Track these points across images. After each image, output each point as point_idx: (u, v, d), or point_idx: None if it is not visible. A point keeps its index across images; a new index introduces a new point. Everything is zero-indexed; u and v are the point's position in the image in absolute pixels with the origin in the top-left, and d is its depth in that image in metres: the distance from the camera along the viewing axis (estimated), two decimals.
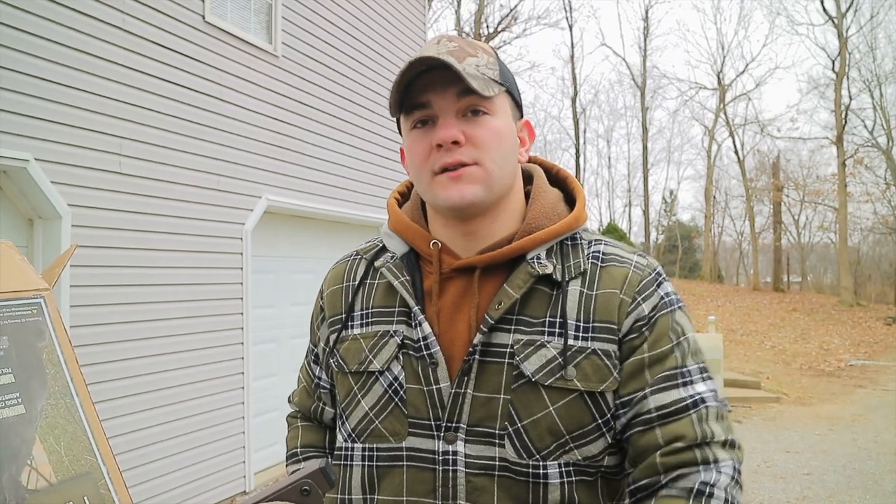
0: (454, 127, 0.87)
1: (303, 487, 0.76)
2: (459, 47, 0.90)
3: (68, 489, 0.73)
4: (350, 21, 6.21)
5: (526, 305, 0.89)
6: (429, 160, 0.89)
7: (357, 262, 1.03)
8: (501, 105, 0.91)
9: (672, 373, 0.87)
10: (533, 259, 0.90)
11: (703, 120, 30.92)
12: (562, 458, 0.86)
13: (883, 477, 5.26)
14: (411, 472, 0.89)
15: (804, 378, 10.52)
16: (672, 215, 32.71)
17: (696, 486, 0.81)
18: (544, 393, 0.86)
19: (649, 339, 0.88)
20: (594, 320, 0.88)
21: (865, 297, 22.91)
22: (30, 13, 3.31)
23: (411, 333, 0.91)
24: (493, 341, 0.88)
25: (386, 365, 0.92)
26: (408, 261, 0.95)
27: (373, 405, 0.92)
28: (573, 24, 31.49)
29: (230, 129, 4.66)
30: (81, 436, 0.77)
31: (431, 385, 0.89)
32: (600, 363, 0.87)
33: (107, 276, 3.74)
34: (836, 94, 21.13)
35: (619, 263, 0.92)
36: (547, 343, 0.87)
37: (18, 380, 0.76)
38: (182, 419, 4.20)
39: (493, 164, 0.88)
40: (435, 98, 0.88)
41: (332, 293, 1.03)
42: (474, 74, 0.86)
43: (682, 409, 0.85)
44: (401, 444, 0.90)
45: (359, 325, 0.97)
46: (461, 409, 0.88)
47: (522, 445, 0.86)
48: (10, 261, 0.86)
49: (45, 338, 0.82)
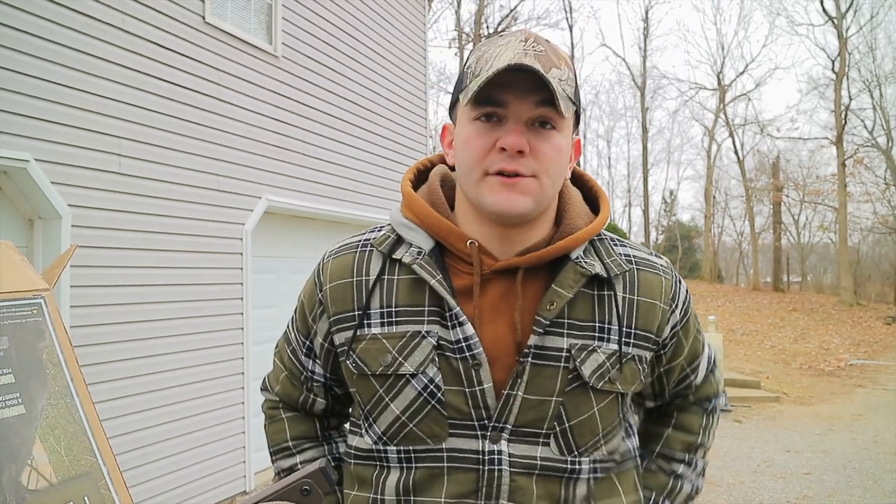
0: (523, 136, 0.85)
1: (303, 487, 0.77)
2: (546, 54, 0.86)
3: (68, 489, 0.73)
4: (350, 21, 6.21)
5: (573, 308, 0.90)
6: (486, 159, 0.86)
7: (368, 255, 0.95)
8: (569, 123, 0.90)
9: (701, 357, 1.07)
10: (577, 258, 0.91)
11: (703, 120, 30.95)
12: (594, 454, 0.91)
13: (883, 476, 5.26)
14: (453, 473, 0.88)
15: (804, 378, 10.52)
16: (672, 215, 32.71)
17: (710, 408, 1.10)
18: (592, 395, 0.90)
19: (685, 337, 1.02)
20: (636, 327, 0.93)
21: (865, 297, 22.90)
22: (30, 13, 3.31)
23: (448, 334, 0.88)
24: (548, 345, 0.88)
25: (420, 368, 0.88)
26: (436, 257, 0.92)
27: (405, 408, 0.90)
28: (573, 25, 31.54)
29: (230, 129, 4.66)
30: (82, 436, 0.77)
31: (475, 386, 0.88)
32: (636, 368, 0.93)
33: (107, 276, 3.74)
34: (835, 94, 21.13)
35: (650, 269, 0.97)
36: (598, 348, 0.90)
37: (19, 380, 0.76)
38: (182, 419, 4.20)
39: (548, 180, 0.87)
40: (513, 100, 0.85)
41: (337, 287, 0.95)
42: (559, 92, 0.83)
43: (706, 377, 1.09)
44: (440, 446, 0.89)
45: (378, 324, 0.92)
46: (510, 411, 0.88)
47: (566, 443, 0.89)
48: (10, 261, 0.86)
49: (45, 338, 0.82)
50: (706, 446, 1.10)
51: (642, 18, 33.95)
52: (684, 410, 1.09)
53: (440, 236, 0.92)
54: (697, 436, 1.08)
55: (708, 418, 1.10)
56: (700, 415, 1.09)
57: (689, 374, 1.05)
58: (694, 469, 1.08)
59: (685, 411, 1.09)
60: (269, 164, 5.05)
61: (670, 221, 32.43)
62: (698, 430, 1.08)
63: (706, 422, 1.09)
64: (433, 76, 24.29)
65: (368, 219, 6.27)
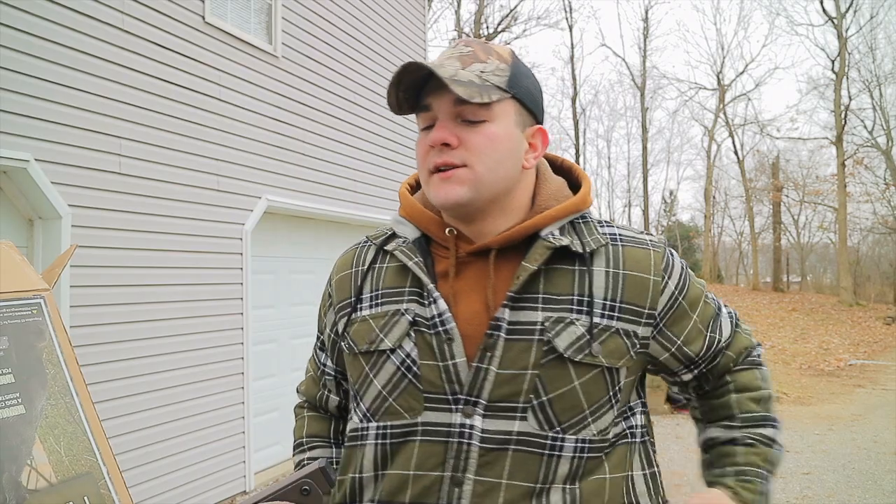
0: (447, 129, 0.91)
1: (303, 487, 0.77)
2: (472, 52, 0.94)
3: (68, 489, 0.73)
4: (350, 21, 6.21)
5: (551, 283, 0.93)
6: (426, 159, 0.94)
7: (366, 248, 1.06)
8: (503, 111, 0.93)
9: (716, 316, 1.05)
10: (548, 234, 0.94)
11: (703, 120, 30.93)
12: (579, 434, 0.91)
13: (882, 476, 5.27)
14: (423, 445, 0.91)
15: (804, 378, 10.53)
16: (672, 215, 32.71)
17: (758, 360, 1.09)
18: (571, 368, 0.90)
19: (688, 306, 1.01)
20: (622, 300, 0.93)
21: (865, 297, 22.90)
22: (30, 13, 3.31)
23: (424, 311, 0.94)
24: (520, 319, 0.91)
25: (398, 343, 0.94)
26: (420, 245, 0.99)
27: (385, 383, 0.94)
28: (573, 25, 31.44)
29: (230, 129, 4.66)
30: (81, 436, 0.77)
31: (447, 360, 0.91)
32: (621, 342, 0.93)
33: (107, 276, 3.74)
34: (835, 94, 21.13)
35: (638, 244, 0.98)
36: (575, 321, 0.91)
37: (18, 380, 0.76)
38: (182, 419, 4.20)
39: (482, 166, 0.91)
40: (434, 101, 0.92)
41: (340, 279, 1.06)
42: (465, 80, 0.89)
43: (733, 332, 1.06)
44: (416, 420, 0.92)
45: (368, 306, 0.99)
46: (482, 385, 0.90)
47: (545, 418, 0.89)
48: (10, 261, 0.86)
49: (44, 338, 0.82)
50: (774, 396, 1.08)
51: (642, 18, 33.95)
52: (734, 371, 1.06)
53: (423, 226, 1.00)
54: (761, 389, 1.05)
55: (760, 370, 1.07)
56: (751, 369, 1.06)
57: (712, 336, 1.03)
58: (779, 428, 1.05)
59: (736, 372, 1.06)
60: (269, 164, 5.05)
61: (670, 221, 32.44)
62: (760, 384, 1.05)
63: (761, 373, 1.07)
64: None
65: (368, 219, 6.26)
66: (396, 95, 0.93)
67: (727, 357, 1.05)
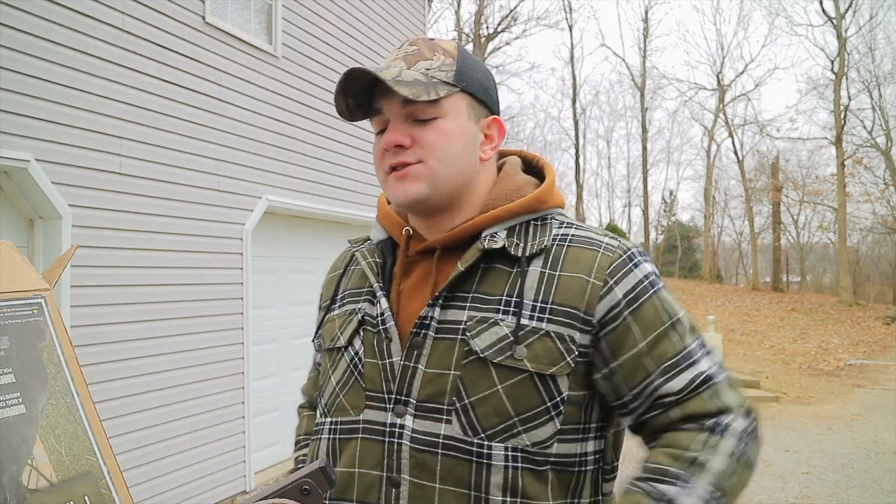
0: (399, 131, 0.92)
1: (303, 487, 0.77)
2: (417, 51, 0.94)
3: (69, 489, 0.73)
4: (350, 21, 6.21)
5: (483, 283, 0.91)
6: (382, 161, 0.95)
7: (348, 253, 1.11)
8: (454, 106, 0.93)
9: (676, 359, 0.88)
10: (486, 236, 0.92)
11: (703, 120, 30.89)
12: (508, 442, 0.85)
13: (882, 476, 5.27)
14: (364, 443, 0.92)
15: (803, 377, 10.53)
16: (671, 215, 32.70)
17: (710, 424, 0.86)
18: (493, 371, 0.86)
19: (639, 327, 0.88)
20: (553, 302, 0.88)
21: (864, 297, 22.90)
22: (30, 14, 3.31)
23: (371, 310, 0.97)
24: (448, 318, 0.90)
25: (349, 341, 0.97)
26: (383, 247, 1.01)
27: (339, 380, 0.97)
28: (573, 25, 31.43)
29: (230, 129, 4.66)
30: (82, 435, 0.77)
31: (385, 359, 0.93)
32: (552, 346, 0.86)
33: (107, 276, 3.74)
34: (835, 94, 21.13)
35: (587, 245, 0.91)
36: (500, 321, 0.88)
37: (19, 379, 0.76)
38: (182, 419, 4.21)
39: (437, 162, 0.91)
40: (384, 104, 0.93)
41: (327, 281, 1.12)
42: (410, 80, 0.89)
43: (693, 390, 0.87)
44: (359, 417, 0.93)
45: (337, 306, 1.04)
46: (411, 384, 0.90)
47: (468, 422, 0.86)
48: (10, 261, 0.86)
49: (45, 338, 0.82)
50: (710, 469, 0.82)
51: (642, 19, 33.95)
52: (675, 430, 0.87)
53: (388, 229, 1.02)
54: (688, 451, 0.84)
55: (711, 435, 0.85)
56: (696, 431, 0.86)
57: (654, 378, 0.87)
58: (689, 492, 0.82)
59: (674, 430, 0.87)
60: (269, 164, 5.05)
61: (670, 221, 32.43)
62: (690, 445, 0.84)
63: (709, 438, 0.84)
64: None
65: (369, 219, 6.27)
66: (346, 103, 0.93)
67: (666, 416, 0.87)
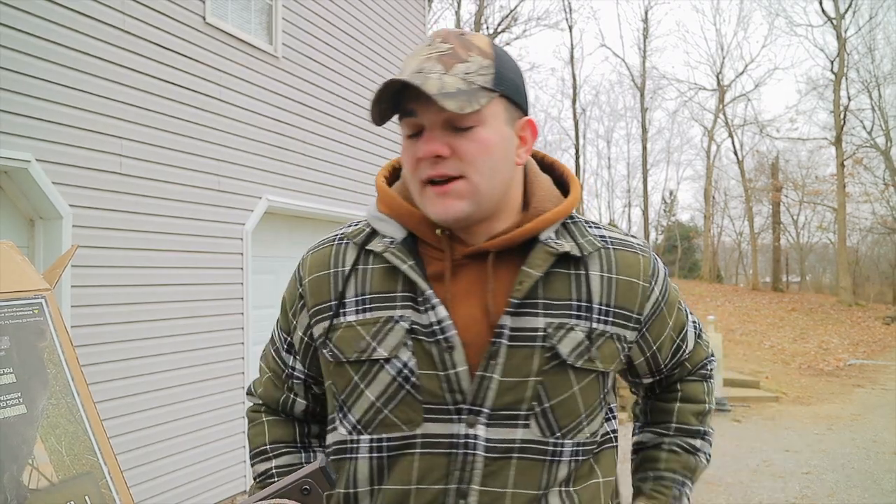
0: (438, 140, 0.86)
1: (303, 487, 0.77)
2: (452, 51, 0.87)
3: (69, 488, 0.73)
4: (350, 21, 6.21)
5: (549, 287, 0.90)
6: (417, 170, 0.89)
7: (344, 247, 0.98)
8: (493, 112, 0.88)
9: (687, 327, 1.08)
10: (547, 239, 0.91)
11: (703, 120, 30.88)
12: (575, 437, 0.91)
13: (882, 476, 5.27)
14: (425, 458, 0.88)
15: (803, 378, 10.52)
16: (671, 215, 32.68)
17: (708, 373, 1.14)
18: (572, 374, 0.89)
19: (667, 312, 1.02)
20: (615, 305, 0.93)
21: (864, 297, 22.89)
22: (30, 14, 3.31)
23: (420, 318, 0.89)
24: (523, 325, 0.88)
25: (394, 352, 0.89)
26: (408, 245, 0.93)
27: (380, 394, 0.90)
28: (573, 26, 31.47)
29: (230, 129, 4.66)
30: (83, 435, 0.77)
31: (449, 370, 0.88)
32: (614, 346, 0.93)
33: (107, 276, 3.74)
34: (834, 94, 21.13)
35: (628, 248, 0.97)
36: (575, 326, 0.90)
37: (20, 379, 0.76)
38: (182, 419, 4.21)
39: (479, 177, 0.87)
40: (420, 108, 0.87)
41: (315, 280, 0.98)
42: (453, 90, 0.83)
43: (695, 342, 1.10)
44: (415, 432, 0.88)
45: (353, 311, 0.93)
46: (485, 393, 0.87)
47: (547, 424, 0.89)
48: (10, 261, 0.86)
49: (46, 338, 0.82)
50: (712, 410, 1.14)
51: (642, 19, 33.93)
52: (685, 381, 1.11)
53: (411, 226, 0.94)
54: (705, 403, 1.10)
55: (708, 383, 1.13)
56: (701, 381, 1.12)
57: (679, 344, 1.06)
58: (708, 440, 1.11)
59: (686, 382, 1.11)
60: (269, 164, 5.05)
61: (670, 221, 32.41)
62: (704, 398, 1.11)
63: (707, 387, 1.12)
64: None
65: None
66: (379, 109, 0.88)
67: (684, 368, 1.10)
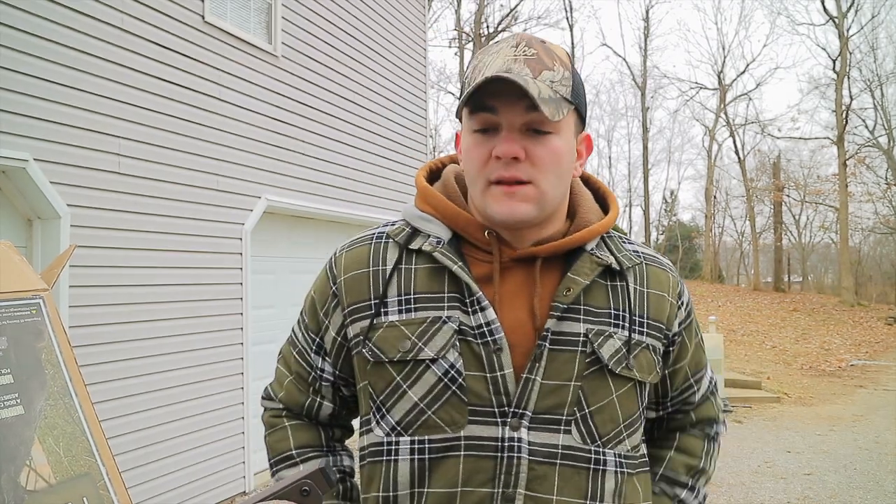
0: (517, 142, 0.87)
1: (302, 488, 0.76)
2: (537, 57, 0.88)
3: (67, 490, 0.72)
4: (350, 21, 6.20)
5: (589, 296, 0.93)
6: (486, 168, 0.89)
7: (385, 246, 0.97)
8: (567, 123, 0.90)
9: (704, 371, 1.08)
10: (593, 250, 0.95)
11: (704, 120, 30.84)
12: (617, 448, 0.92)
13: (884, 477, 5.26)
14: (469, 461, 0.87)
15: (805, 378, 10.51)
16: (672, 215, 32.68)
17: (712, 434, 1.10)
18: (611, 380, 0.91)
19: (689, 340, 1.04)
20: (648, 317, 0.96)
21: (866, 297, 22.88)
22: (30, 13, 3.30)
23: (469, 320, 0.89)
24: (564, 329, 0.90)
25: (442, 353, 0.89)
26: (455, 246, 0.94)
27: (424, 395, 0.89)
28: (573, 25, 31.45)
29: (230, 129, 4.66)
30: (80, 436, 0.77)
31: (496, 371, 0.88)
32: (650, 357, 0.95)
33: (106, 276, 3.73)
34: (836, 93, 21.11)
35: (658, 265, 1.01)
36: (613, 334, 0.92)
37: (17, 380, 0.76)
38: (182, 419, 4.20)
39: (547, 184, 0.89)
40: (502, 106, 0.87)
41: (353, 278, 0.96)
42: (547, 97, 0.85)
43: (707, 394, 1.10)
44: (458, 434, 0.88)
45: (396, 311, 0.92)
46: (529, 396, 0.88)
47: (587, 430, 0.89)
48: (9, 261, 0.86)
49: (43, 338, 0.82)
50: (708, 473, 1.09)
51: (643, 18, 33.92)
52: (685, 432, 1.09)
53: (458, 226, 0.95)
54: (700, 459, 1.08)
55: (710, 444, 1.10)
56: (702, 439, 1.09)
57: (692, 384, 1.06)
58: (696, 496, 1.08)
59: (686, 433, 1.09)
60: (269, 164, 5.05)
61: (671, 221, 32.41)
62: (700, 454, 1.08)
63: (708, 447, 1.09)
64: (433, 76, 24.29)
65: (368, 219, 6.26)
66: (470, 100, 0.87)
67: (688, 416, 1.09)
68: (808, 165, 26.61)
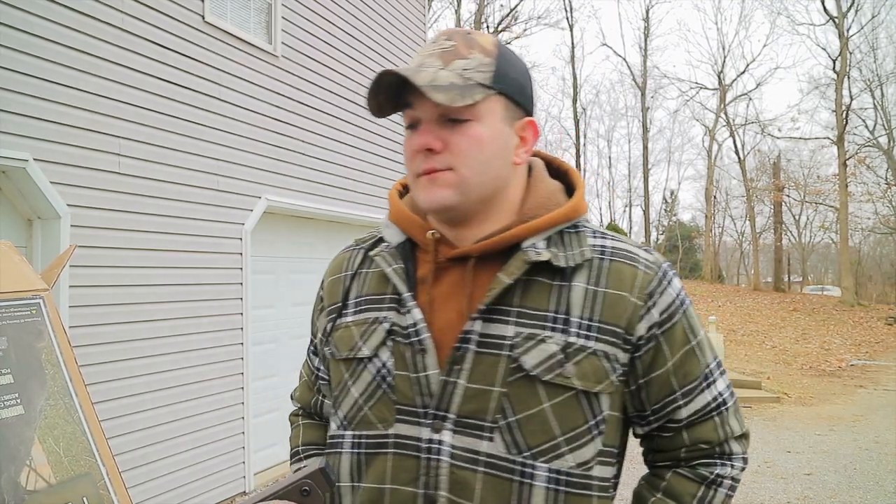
0: (432, 133, 0.88)
1: (302, 488, 0.76)
2: (454, 48, 0.89)
3: (67, 490, 0.72)
4: (350, 21, 6.20)
5: (527, 296, 0.88)
6: (413, 163, 0.92)
7: (356, 253, 1.04)
8: (489, 109, 0.88)
9: (699, 380, 0.92)
10: (529, 247, 0.89)
11: (704, 120, 30.86)
12: (552, 463, 0.85)
13: (884, 477, 5.26)
14: (396, 459, 0.88)
15: (805, 378, 10.51)
16: (672, 215, 32.69)
17: (710, 477, 0.92)
18: (540, 389, 0.85)
19: (669, 347, 0.90)
20: (599, 320, 0.87)
21: (866, 297, 22.89)
22: (30, 13, 3.30)
23: (400, 320, 0.91)
24: (491, 332, 0.87)
25: (374, 351, 0.92)
26: (403, 250, 0.96)
27: (362, 392, 0.93)
28: (574, 25, 31.43)
29: (230, 129, 4.65)
30: (81, 436, 0.77)
31: (419, 372, 0.88)
32: (599, 364, 0.86)
33: (106, 276, 3.73)
34: (836, 93, 21.11)
35: (627, 260, 0.90)
36: (548, 338, 0.86)
37: (17, 380, 0.76)
38: (182, 419, 4.20)
39: (468, 170, 0.88)
40: (415, 100, 0.89)
41: (331, 283, 1.05)
42: (447, 85, 0.85)
43: (707, 413, 0.93)
44: (388, 431, 0.90)
45: (352, 312, 0.98)
46: (451, 399, 0.87)
47: (513, 440, 0.85)
48: (9, 261, 0.86)
49: (44, 338, 0.82)
50: None
51: (643, 18, 33.93)
52: (677, 473, 0.93)
53: (407, 230, 0.97)
54: None
55: (707, 491, 0.91)
56: (698, 484, 0.91)
57: (677, 398, 0.91)
58: None
59: (678, 475, 0.92)
60: (269, 164, 5.04)
61: (671, 221, 32.42)
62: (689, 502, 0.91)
63: (704, 495, 0.91)
64: None
65: (368, 219, 6.26)
66: (376, 101, 0.90)
67: (678, 438, 0.93)
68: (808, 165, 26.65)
